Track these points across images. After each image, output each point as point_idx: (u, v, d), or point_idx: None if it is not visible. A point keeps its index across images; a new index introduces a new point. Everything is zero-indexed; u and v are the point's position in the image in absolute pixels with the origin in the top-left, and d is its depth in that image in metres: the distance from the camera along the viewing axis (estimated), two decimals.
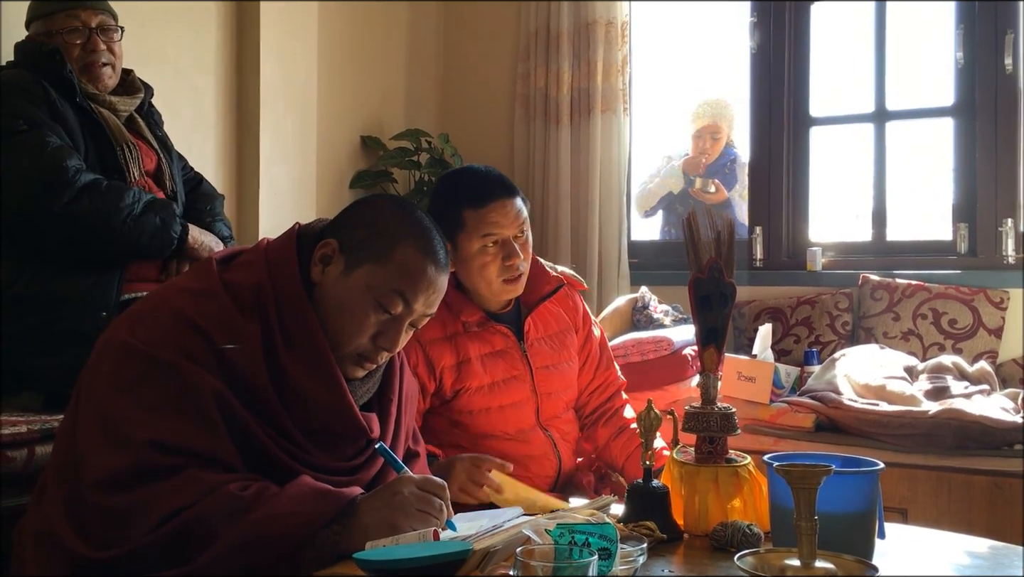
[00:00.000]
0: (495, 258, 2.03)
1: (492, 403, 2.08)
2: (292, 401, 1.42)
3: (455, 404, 2.07)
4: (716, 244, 1.75)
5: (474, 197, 2.03)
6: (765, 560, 1.18)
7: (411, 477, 1.39)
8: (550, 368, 2.16)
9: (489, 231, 2.02)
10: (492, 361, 2.09)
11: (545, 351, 2.17)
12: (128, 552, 1.25)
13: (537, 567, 1.03)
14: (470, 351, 2.07)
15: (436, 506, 1.34)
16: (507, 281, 2.06)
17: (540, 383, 2.14)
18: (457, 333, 2.08)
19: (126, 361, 1.36)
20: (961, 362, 3.18)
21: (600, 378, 2.31)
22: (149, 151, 2.42)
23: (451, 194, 2.07)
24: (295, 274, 1.46)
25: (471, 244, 2.03)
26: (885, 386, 2.98)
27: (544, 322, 2.20)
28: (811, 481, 1.14)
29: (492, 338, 2.11)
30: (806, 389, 3.14)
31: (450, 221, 2.00)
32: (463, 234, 2.03)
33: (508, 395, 2.09)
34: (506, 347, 2.12)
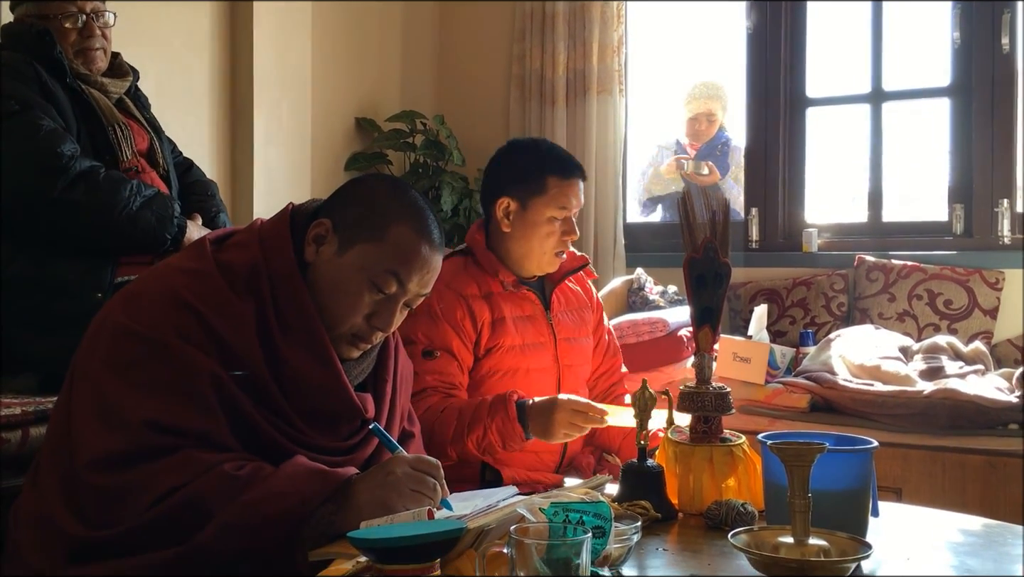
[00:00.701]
0: (558, 230, 2.12)
1: (520, 365, 2.13)
2: (287, 381, 1.42)
3: (485, 362, 2.11)
4: (711, 224, 1.75)
5: (562, 169, 2.13)
6: (759, 537, 1.18)
7: (404, 457, 1.39)
8: (571, 340, 2.23)
9: (565, 203, 2.12)
10: (522, 324, 2.15)
11: (567, 324, 2.24)
12: (123, 532, 1.26)
13: (531, 545, 1.03)
14: (504, 310, 2.13)
15: (429, 485, 1.34)
16: (557, 254, 2.16)
17: (563, 354, 2.20)
18: (492, 292, 2.14)
19: (121, 342, 1.36)
20: (956, 342, 3.18)
21: (608, 364, 2.37)
22: (141, 131, 2.40)
23: (536, 159, 2.15)
24: (289, 254, 1.46)
25: (545, 210, 2.11)
26: (880, 366, 2.98)
27: (566, 297, 2.28)
28: (805, 459, 1.14)
29: (523, 302, 2.18)
30: (801, 370, 3.14)
31: (531, 182, 2.11)
32: (540, 198, 2.11)
33: (535, 360, 2.15)
34: (534, 313, 2.19)
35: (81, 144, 2.20)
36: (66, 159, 2.10)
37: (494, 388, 2.10)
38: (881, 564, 1.34)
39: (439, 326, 2.06)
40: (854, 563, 1.13)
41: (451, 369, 2.06)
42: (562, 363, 2.20)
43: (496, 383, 2.11)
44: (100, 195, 2.12)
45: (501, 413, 1.94)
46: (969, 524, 1.60)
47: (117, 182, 2.16)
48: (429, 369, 2.04)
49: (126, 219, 2.14)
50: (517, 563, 1.03)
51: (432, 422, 1.98)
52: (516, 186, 2.13)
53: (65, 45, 2.27)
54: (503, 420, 1.93)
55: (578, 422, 1.90)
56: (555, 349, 2.19)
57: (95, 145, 2.26)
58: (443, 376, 2.05)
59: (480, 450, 1.98)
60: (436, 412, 1.99)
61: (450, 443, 1.97)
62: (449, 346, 2.06)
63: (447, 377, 2.06)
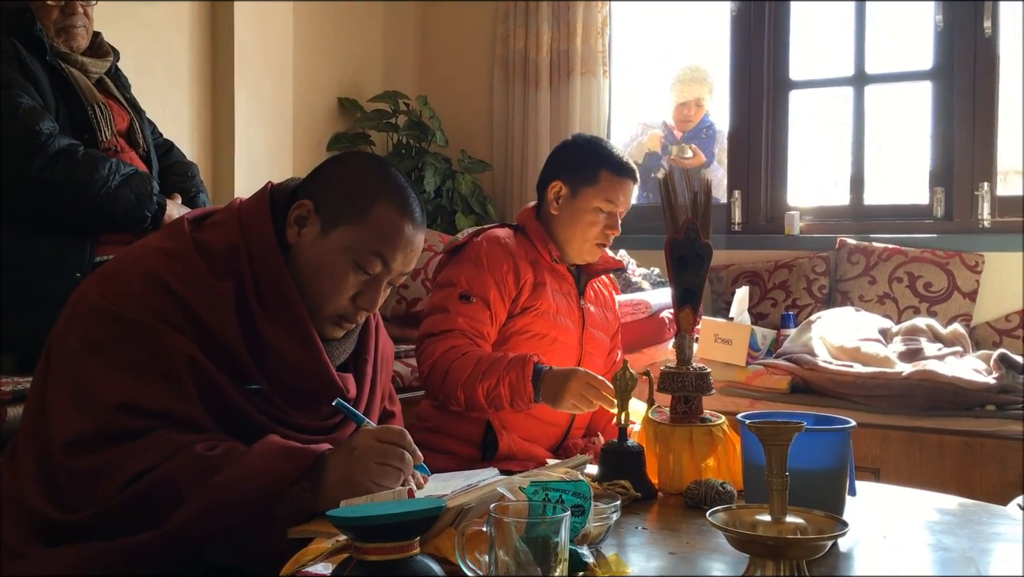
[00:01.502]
0: (602, 223, 2.19)
1: (550, 331, 2.18)
2: (267, 361, 1.41)
3: (519, 320, 2.17)
4: (692, 205, 1.75)
5: (616, 165, 2.20)
6: (737, 516, 1.19)
7: (369, 430, 1.37)
8: (596, 331, 2.30)
9: (613, 198, 2.19)
10: (559, 297, 2.22)
11: (595, 316, 2.31)
12: (96, 514, 1.25)
13: (510, 523, 1.03)
14: (546, 279, 2.21)
15: (397, 455, 1.30)
16: (598, 245, 2.23)
17: (587, 340, 2.27)
18: (539, 260, 2.22)
19: (96, 322, 1.34)
20: (935, 324, 3.21)
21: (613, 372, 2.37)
22: (121, 111, 2.38)
23: (594, 151, 2.24)
24: (269, 234, 1.45)
25: (593, 200, 2.18)
26: (860, 348, 3.00)
27: (596, 293, 2.36)
28: (783, 438, 1.15)
29: (561, 280, 2.25)
30: (782, 351, 3.16)
31: (584, 172, 2.20)
32: (591, 188, 2.18)
33: (564, 332, 2.21)
34: (570, 293, 2.26)
35: (60, 123, 2.18)
36: (44, 137, 2.08)
37: (520, 347, 2.15)
38: (858, 542, 1.35)
39: (482, 275, 2.12)
40: (830, 540, 1.14)
41: (482, 317, 2.12)
42: (585, 348, 2.26)
43: (523, 343, 2.16)
44: (79, 173, 2.10)
45: (517, 370, 1.99)
46: (945, 503, 1.62)
47: (96, 160, 2.14)
48: (462, 311, 2.10)
49: (105, 197, 2.13)
50: (496, 541, 1.03)
51: (451, 361, 2.04)
52: (570, 173, 2.22)
53: (47, 23, 2.24)
54: (518, 377, 1.98)
55: (590, 396, 1.92)
56: (582, 332, 2.25)
57: (74, 124, 2.24)
58: (473, 321, 2.11)
59: (488, 401, 2.02)
60: (458, 353, 2.05)
61: (462, 385, 2.02)
62: (487, 296, 2.12)
63: (476, 324, 2.11)
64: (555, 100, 4.22)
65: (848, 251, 3.67)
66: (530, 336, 2.17)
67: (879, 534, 1.40)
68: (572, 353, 2.24)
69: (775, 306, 3.72)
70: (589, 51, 4.15)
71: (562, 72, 4.20)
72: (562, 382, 1.94)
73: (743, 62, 4.03)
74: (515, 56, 4.29)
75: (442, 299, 2.13)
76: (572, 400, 1.94)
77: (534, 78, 4.24)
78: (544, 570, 1.03)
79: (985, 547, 1.35)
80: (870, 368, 2.90)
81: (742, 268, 3.87)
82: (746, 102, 4.02)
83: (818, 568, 1.20)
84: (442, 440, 2.13)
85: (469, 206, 4.20)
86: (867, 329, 3.16)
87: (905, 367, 2.87)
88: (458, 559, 1.09)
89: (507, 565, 1.03)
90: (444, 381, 2.04)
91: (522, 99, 4.28)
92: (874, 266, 3.59)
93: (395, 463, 1.31)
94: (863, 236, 3.71)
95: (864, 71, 3.86)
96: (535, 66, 4.23)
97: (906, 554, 1.33)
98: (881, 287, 3.55)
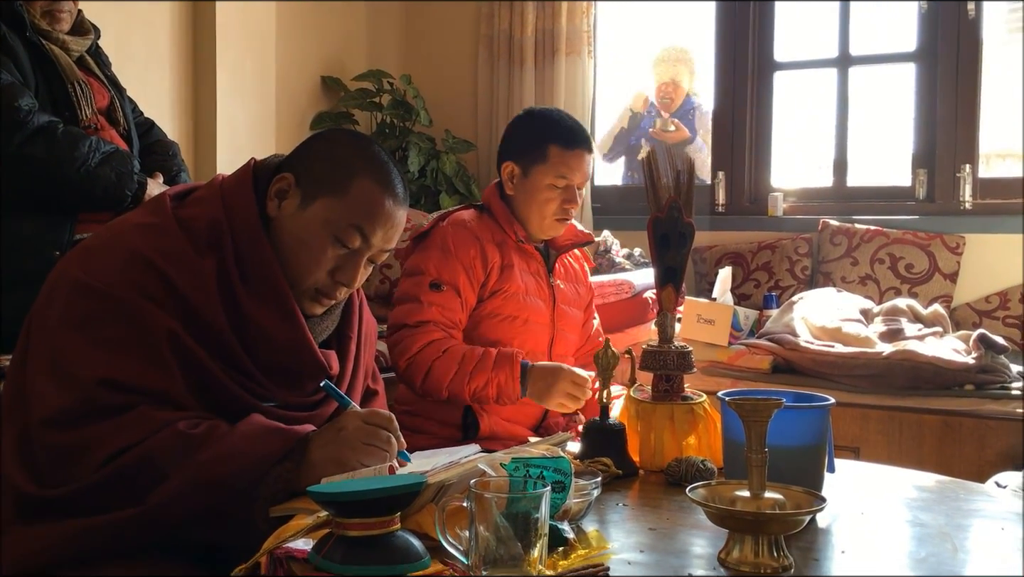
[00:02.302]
0: (558, 197, 2.17)
1: (520, 313, 2.18)
2: (250, 337, 1.40)
3: (489, 304, 2.17)
4: (675, 184, 1.75)
5: (565, 138, 2.17)
6: (716, 491, 1.20)
7: (356, 412, 1.38)
8: (567, 307, 2.30)
9: (565, 173, 2.16)
10: (527, 277, 2.21)
11: (565, 292, 2.31)
12: (75, 490, 1.24)
13: (491, 499, 1.04)
14: (514, 260, 2.20)
15: (383, 438, 1.32)
16: (557, 220, 2.20)
17: (558, 317, 2.27)
18: (505, 241, 2.21)
19: (77, 298, 1.33)
20: (916, 305, 3.23)
21: (591, 344, 2.42)
22: (101, 88, 2.36)
23: (541, 127, 2.21)
24: (251, 209, 1.44)
25: (545, 178, 2.16)
26: (841, 328, 3.02)
27: (566, 269, 2.35)
28: (762, 414, 1.16)
29: (529, 259, 2.25)
30: (764, 332, 3.17)
31: (533, 150, 2.17)
32: (541, 166, 2.16)
33: (535, 312, 2.21)
34: (539, 272, 2.26)
35: (40, 100, 2.16)
36: (24, 113, 2.06)
37: (492, 331, 2.16)
38: (836, 518, 1.37)
39: (450, 262, 2.12)
40: (808, 516, 1.15)
41: (454, 305, 2.12)
42: (557, 325, 2.26)
43: (495, 327, 2.17)
44: (58, 150, 2.08)
45: (506, 371, 2.03)
46: (923, 480, 1.64)
47: (76, 137, 2.12)
48: (434, 301, 2.10)
49: (85, 175, 2.11)
50: (477, 517, 1.04)
51: (432, 359, 2.06)
52: (520, 152, 2.20)
53: (33, 5, 2.22)
54: (506, 378, 2.03)
55: (577, 394, 1.98)
56: (552, 310, 2.25)
57: (54, 101, 2.22)
58: (445, 311, 2.11)
59: (474, 398, 2.07)
60: (437, 351, 2.06)
61: (446, 386, 2.05)
62: (456, 282, 2.12)
63: (449, 313, 2.12)
64: (540, 80, 4.20)
65: (831, 232, 3.69)
66: (501, 319, 2.17)
67: (857, 510, 1.42)
68: (544, 333, 2.24)
69: (758, 287, 3.74)
70: (574, 31, 4.13)
71: (547, 52, 4.18)
72: (550, 381, 2.00)
73: (728, 43, 4.02)
74: (500, 35, 4.27)
75: (412, 287, 2.13)
76: (559, 399, 2.01)
77: (519, 58, 4.22)
78: (524, 546, 1.03)
79: (962, 523, 1.36)
80: (851, 348, 2.92)
81: (725, 249, 3.88)
82: (731, 83, 4.02)
83: (796, 543, 1.21)
84: (422, 422, 2.14)
85: (453, 186, 4.19)
86: (848, 310, 3.18)
87: (885, 347, 2.89)
88: (439, 535, 1.10)
89: (487, 541, 1.03)
90: (426, 379, 2.06)
91: (507, 79, 4.26)
92: (856, 247, 3.60)
93: (381, 446, 1.32)
94: (846, 218, 3.73)
95: (848, 53, 3.86)
96: (520, 45, 4.21)
97: (883, 530, 1.34)
98: (863, 268, 3.57)
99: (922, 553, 1.22)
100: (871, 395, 2.82)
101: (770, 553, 1.11)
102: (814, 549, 1.22)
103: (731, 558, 1.12)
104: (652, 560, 1.17)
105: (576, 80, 4.14)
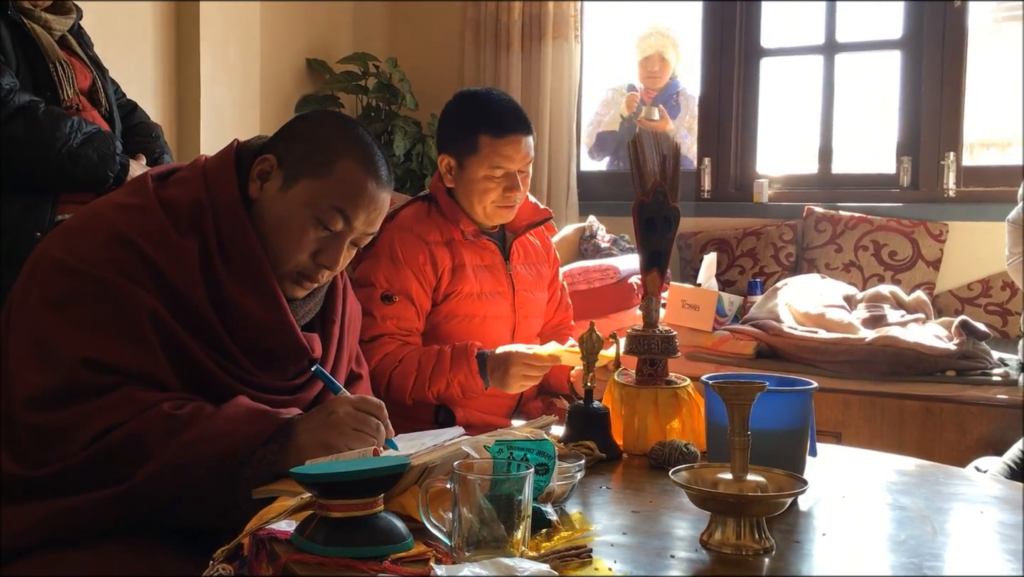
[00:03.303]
0: (498, 186, 2.10)
1: (477, 312, 2.15)
2: (231, 319, 1.40)
3: (443, 307, 2.13)
4: (661, 168, 1.75)
5: (494, 125, 2.08)
6: (699, 474, 1.20)
7: (347, 397, 1.38)
8: (528, 292, 2.25)
9: (500, 163, 2.08)
10: (482, 272, 2.16)
11: (525, 276, 2.25)
12: (59, 471, 1.24)
13: (474, 481, 1.04)
14: (465, 258, 2.14)
15: (372, 425, 1.33)
16: (501, 207, 2.13)
17: (519, 305, 2.23)
18: (453, 240, 2.14)
19: (59, 278, 1.33)
20: (898, 291, 3.25)
21: (559, 317, 2.40)
22: (84, 69, 2.34)
23: (470, 116, 2.12)
24: (234, 190, 1.43)
25: (479, 169, 2.09)
26: (824, 314, 3.04)
27: (525, 250, 2.28)
28: (745, 397, 1.16)
29: (482, 252, 2.18)
30: (748, 317, 3.19)
31: (463, 142, 2.09)
32: (474, 157, 2.09)
33: (492, 308, 2.17)
34: (494, 263, 2.20)
35: (21, 79, 2.14)
36: (4, 93, 2.03)
37: (450, 334, 2.13)
38: (818, 501, 1.38)
39: (400, 271, 2.07)
40: (790, 498, 1.16)
41: (408, 315, 2.09)
42: (519, 313, 2.23)
43: (453, 329, 2.14)
44: (39, 130, 2.06)
45: (464, 367, 2.00)
46: (904, 465, 1.65)
47: (57, 118, 2.10)
48: (388, 314, 2.06)
49: (66, 156, 2.09)
50: (460, 499, 1.04)
51: (389, 370, 2.02)
52: (453, 144, 2.13)
53: None
54: (466, 375, 2.00)
55: (531, 373, 1.97)
56: (513, 299, 2.21)
57: (35, 81, 2.19)
58: (400, 321, 2.08)
59: (439, 400, 2.06)
60: (394, 360, 2.03)
61: (409, 394, 2.03)
62: (408, 291, 2.07)
63: (404, 323, 2.08)
64: (526, 64, 4.19)
65: (815, 219, 3.70)
66: (459, 320, 2.14)
67: (838, 493, 1.43)
68: (505, 324, 2.20)
69: (743, 273, 3.75)
70: (561, 15, 4.12)
71: (534, 36, 4.17)
72: (505, 368, 1.98)
73: (715, 29, 4.02)
74: (486, 19, 4.25)
75: (364, 301, 2.04)
76: (518, 382, 1.99)
77: (505, 41, 4.20)
78: (507, 528, 1.04)
79: (941, 506, 1.37)
80: (834, 334, 2.94)
81: (711, 235, 3.89)
82: (717, 69, 4.02)
83: (778, 525, 1.22)
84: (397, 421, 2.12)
85: None
86: (832, 296, 3.19)
87: (868, 333, 2.91)
88: (422, 516, 1.10)
89: (471, 523, 1.04)
90: (388, 391, 2.02)
91: (493, 63, 4.25)
92: (840, 234, 3.62)
93: (370, 433, 1.32)
94: (830, 205, 3.74)
95: (835, 39, 3.86)
96: (507, 29, 4.20)
97: (864, 513, 1.35)
98: (847, 255, 3.58)
99: (902, 536, 1.23)
100: (853, 380, 2.83)
101: (752, 535, 1.12)
102: (795, 531, 1.23)
103: (713, 540, 1.13)
104: (635, 542, 1.17)
105: (563, 65, 4.13)
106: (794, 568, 1.10)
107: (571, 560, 1.06)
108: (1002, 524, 1.29)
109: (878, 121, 4.00)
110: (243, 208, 1.42)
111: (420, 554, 1.07)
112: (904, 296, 3.21)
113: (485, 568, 0.96)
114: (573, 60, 4.14)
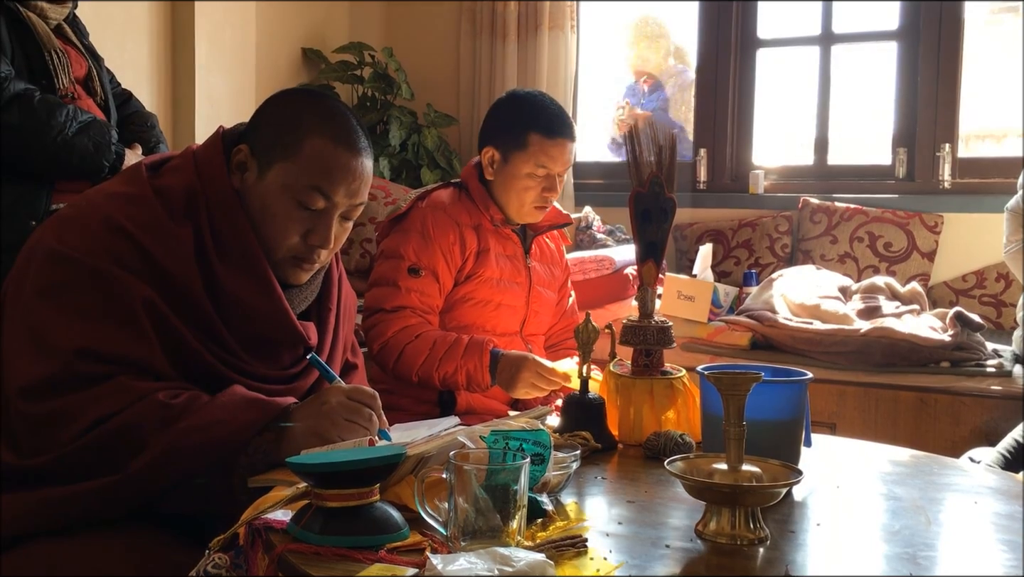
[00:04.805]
0: (537, 186, 2.16)
1: (493, 297, 2.19)
2: (227, 308, 1.40)
3: (463, 288, 2.17)
4: (657, 159, 1.74)
5: (545, 126, 2.14)
6: (694, 464, 1.21)
7: (341, 387, 1.38)
8: (542, 288, 2.30)
9: (545, 163, 2.14)
10: (503, 261, 2.22)
11: (541, 273, 2.31)
12: (55, 459, 1.24)
13: (470, 471, 1.04)
14: (490, 244, 2.20)
15: (365, 416, 1.33)
16: (536, 207, 2.19)
17: (533, 299, 2.27)
18: (481, 225, 2.20)
19: (53, 267, 1.32)
20: (893, 283, 3.25)
21: (565, 322, 2.43)
22: (79, 57, 2.33)
23: (522, 113, 2.17)
24: (224, 178, 1.43)
25: (524, 166, 2.14)
26: (819, 305, 3.04)
27: (542, 250, 2.35)
28: (740, 388, 1.16)
29: (505, 242, 2.24)
30: (743, 308, 3.19)
31: (512, 137, 2.15)
32: (521, 153, 2.14)
33: (508, 296, 2.21)
34: (515, 253, 2.26)
35: (16, 68, 2.13)
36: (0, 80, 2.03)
37: (465, 315, 2.17)
38: (812, 491, 1.38)
39: (430, 246, 2.11)
40: (785, 488, 1.16)
41: (431, 291, 2.13)
42: (531, 307, 2.27)
43: (467, 311, 2.17)
44: (35, 118, 2.05)
45: (475, 359, 2.03)
46: (898, 455, 1.65)
47: (53, 106, 2.10)
48: (413, 287, 2.10)
49: (62, 144, 2.08)
50: (456, 489, 1.04)
51: (404, 343, 2.06)
52: (501, 138, 2.18)
53: None
54: (475, 367, 2.03)
55: (540, 384, 1.98)
56: (528, 292, 2.25)
57: (31, 69, 2.18)
58: (423, 297, 2.11)
59: (443, 384, 2.08)
60: (411, 335, 2.07)
61: (417, 370, 2.06)
62: (435, 268, 2.12)
63: (427, 299, 2.12)
64: (523, 54, 4.18)
65: (811, 211, 3.70)
66: (474, 303, 2.18)
67: (833, 484, 1.43)
68: (517, 315, 2.25)
69: (738, 264, 3.76)
70: (557, 5, 4.11)
71: (530, 26, 4.16)
72: (514, 371, 1.99)
73: (711, 19, 4.01)
74: (483, 9, 4.24)
75: (390, 271, 2.12)
76: (524, 388, 2.00)
77: (502, 32, 4.19)
78: (503, 517, 1.04)
79: (935, 496, 1.38)
80: (829, 325, 2.94)
81: (706, 226, 3.89)
82: (714, 60, 4.02)
83: (773, 515, 1.22)
84: (398, 400, 2.14)
85: (435, 161, 4.17)
86: (827, 287, 3.20)
87: (863, 324, 2.91)
88: (418, 506, 1.10)
89: (467, 512, 1.04)
90: (397, 363, 2.07)
91: (489, 53, 4.24)
92: (836, 226, 3.62)
93: (363, 423, 1.32)
94: (826, 196, 3.74)
95: (831, 30, 3.86)
96: (503, 19, 4.19)
97: (859, 503, 1.36)
98: (842, 246, 3.59)
99: (896, 526, 1.23)
100: (848, 371, 2.84)
101: (747, 525, 1.12)
102: (790, 521, 1.23)
103: (708, 530, 1.13)
104: (630, 532, 1.17)
105: (559, 55, 4.12)
106: (789, 558, 1.10)
107: (566, 550, 1.06)
108: (996, 514, 1.29)
109: (874, 112, 3.99)
110: (234, 197, 1.42)
111: (416, 544, 1.07)
112: (899, 287, 3.22)
113: (481, 557, 0.96)
114: (569, 51, 4.13)
